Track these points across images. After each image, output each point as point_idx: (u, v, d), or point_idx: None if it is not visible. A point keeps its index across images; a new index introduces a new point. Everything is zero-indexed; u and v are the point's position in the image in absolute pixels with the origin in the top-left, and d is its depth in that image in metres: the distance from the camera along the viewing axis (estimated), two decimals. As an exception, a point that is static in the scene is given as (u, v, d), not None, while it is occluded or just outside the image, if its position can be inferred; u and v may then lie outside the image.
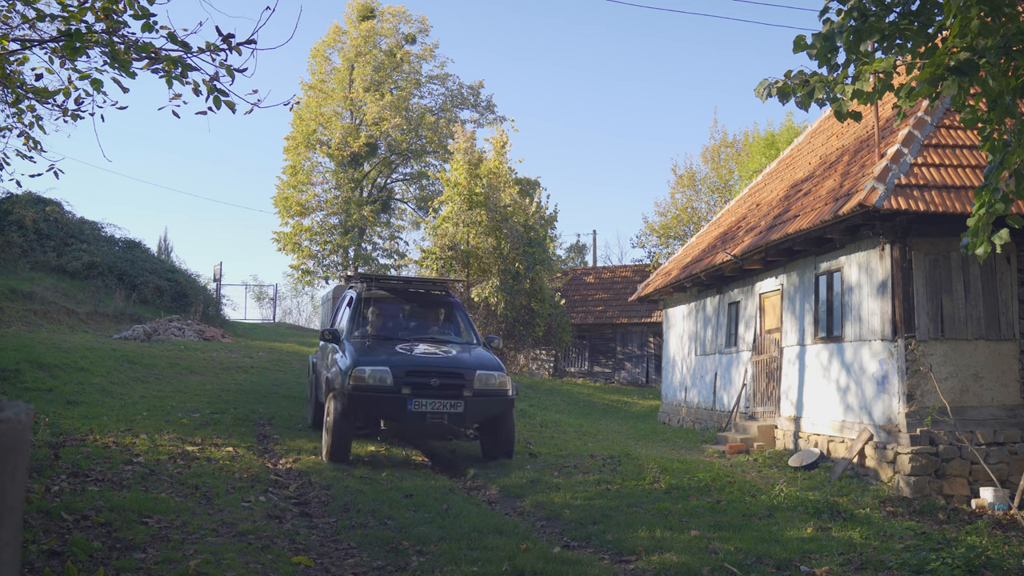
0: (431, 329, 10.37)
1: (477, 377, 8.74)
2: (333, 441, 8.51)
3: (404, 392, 8.46)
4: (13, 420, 1.03)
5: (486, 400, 8.77)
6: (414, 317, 10.60)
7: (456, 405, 8.56)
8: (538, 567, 4.95)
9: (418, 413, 8.48)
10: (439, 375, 8.63)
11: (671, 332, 18.35)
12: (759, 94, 5.37)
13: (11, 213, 21.53)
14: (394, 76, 35.67)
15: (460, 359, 9.09)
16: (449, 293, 11.06)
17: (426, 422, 8.54)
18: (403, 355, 8.93)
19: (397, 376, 8.51)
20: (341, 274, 12.93)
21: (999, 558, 5.48)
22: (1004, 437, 9.10)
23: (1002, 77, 4.77)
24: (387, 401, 8.50)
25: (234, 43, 5.22)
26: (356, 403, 8.51)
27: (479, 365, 8.95)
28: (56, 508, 5.41)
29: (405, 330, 10.13)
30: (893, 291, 9.38)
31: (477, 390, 8.69)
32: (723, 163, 31.27)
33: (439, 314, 10.73)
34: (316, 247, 35.14)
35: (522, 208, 24.15)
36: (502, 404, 8.96)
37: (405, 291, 10.92)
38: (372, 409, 8.69)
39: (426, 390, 8.52)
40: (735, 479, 8.97)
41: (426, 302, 10.88)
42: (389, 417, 8.89)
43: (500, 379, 8.90)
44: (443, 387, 8.58)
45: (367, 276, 10.94)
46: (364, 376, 8.48)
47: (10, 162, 7.38)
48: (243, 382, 14.92)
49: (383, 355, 8.91)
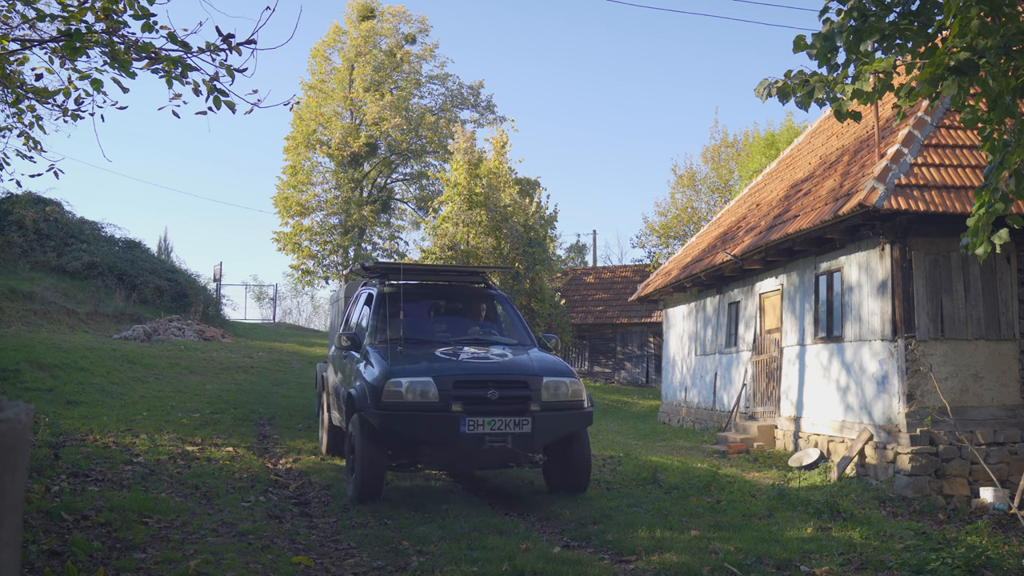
0: (472, 328, 8.46)
1: (545, 386, 6.94)
2: (362, 478, 6.68)
3: (455, 409, 6.59)
4: (13, 420, 1.03)
5: (558, 415, 6.98)
6: (451, 314, 8.79)
7: (522, 423, 6.70)
8: (538, 567, 4.95)
9: (474, 436, 6.57)
10: (498, 385, 6.80)
11: (671, 332, 18.35)
12: (759, 94, 5.37)
13: (11, 213, 21.53)
14: (394, 76, 35.67)
15: (520, 363, 7.28)
16: (489, 283, 9.23)
17: (484, 447, 6.62)
18: (448, 361, 7.07)
19: (444, 389, 6.64)
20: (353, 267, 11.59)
21: (999, 558, 5.48)
22: (1004, 437, 9.10)
23: (1002, 77, 4.77)
24: (433, 422, 6.62)
25: (234, 43, 5.22)
26: (391, 426, 6.66)
27: (546, 370, 7.14)
28: (56, 508, 5.41)
29: (441, 330, 8.25)
30: (893, 291, 9.38)
31: (546, 402, 6.89)
32: (723, 163, 31.26)
33: (480, 309, 8.89)
34: (316, 247, 35.14)
35: (522, 208, 24.14)
36: (578, 420, 7.18)
37: (436, 283, 9.27)
38: (413, 433, 6.73)
39: (482, 405, 6.68)
40: (735, 479, 8.97)
41: (464, 296, 9.04)
42: (436, 443, 6.77)
43: (573, 387, 7.11)
44: (504, 400, 6.75)
45: (390, 266, 8.89)
46: (401, 390, 6.64)
47: (10, 162, 7.39)
48: (243, 382, 14.92)
49: (422, 362, 7.06)
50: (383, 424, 6.65)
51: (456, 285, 9.24)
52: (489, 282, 9.24)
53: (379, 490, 6.82)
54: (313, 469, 8.27)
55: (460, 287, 9.19)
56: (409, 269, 9.11)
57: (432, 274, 9.61)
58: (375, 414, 6.67)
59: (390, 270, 8.74)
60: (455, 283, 9.29)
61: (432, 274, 9.61)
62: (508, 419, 6.67)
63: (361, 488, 6.71)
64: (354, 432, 6.91)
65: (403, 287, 8.47)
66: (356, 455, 6.76)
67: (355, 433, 6.88)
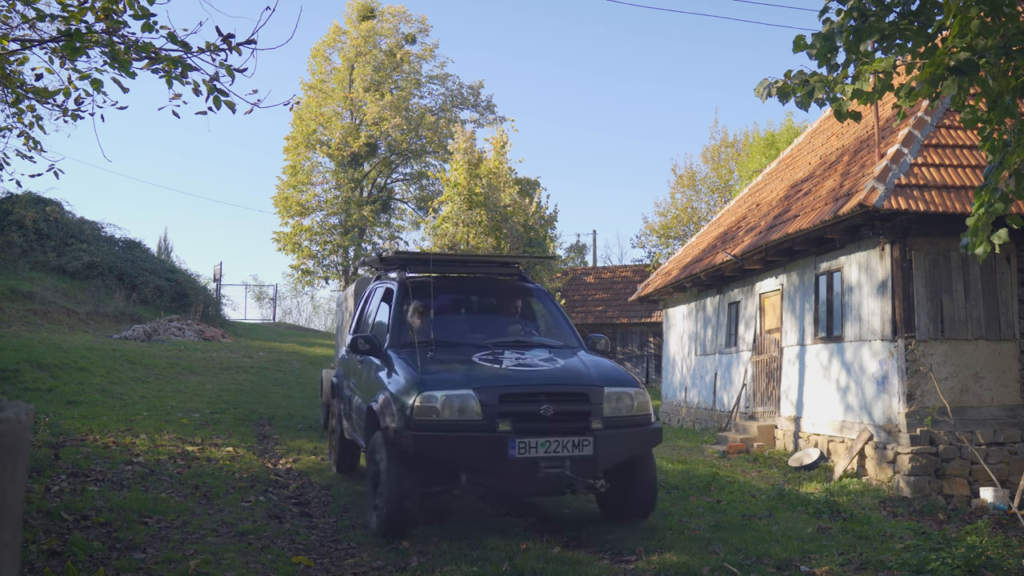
0: (510, 327, 7.23)
1: (607, 398, 5.77)
2: (389, 509, 5.51)
3: (502, 429, 5.43)
4: (13, 420, 1.04)
5: (623, 434, 5.80)
6: (484, 311, 7.62)
7: (582, 444, 5.52)
8: (538, 567, 4.95)
9: (525, 461, 5.40)
10: (552, 398, 5.62)
11: (671, 332, 18.36)
12: (759, 94, 5.37)
13: (11, 213, 21.54)
14: (394, 76, 35.69)
15: (575, 371, 6.12)
16: (523, 275, 7.92)
17: (539, 474, 5.43)
18: (489, 369, 5.89)
19: (488, 403, 5.47)
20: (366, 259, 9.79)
21: (999, 558, 5.48)
22: (1004, 437, 9.10)
23: (1002, 77, 4.77)
24: (475, 445, 5.45)
25: (234, 43, 5.22)
26: (423, 450, 5.43)
27: (606, 379, 5.95)
28: (56, 508, 5.41)
29: (474, 331, 7.02)
30: (893, 291, 9.38)
31: (608, 418, 5.73)
32: (723, 163, 31.25)
33: (516, 305, 7.62)
34: (316, 247, 35.16)
35: (522, 208, 24.16)
36: (646, 438, 6.00)
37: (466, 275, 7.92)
38: (450, 458, 5.55)
39: (535, 423, 5.53)
40: (735, 479, 8.97)
41: (497, 290, 7.74)
42: (480, 469, 5.54)
43: (639, 399, 5.96)
44: (560, 417, 5.59)
45: (412, 256, 7.80)
46: (435, 406, 5.46)
47: (10, 162, 7.39)
48: (243, 382, 14.92)
49: (458, 370, 5.87)
50: (416, 446, 5.41)
51: (487, 278, 7.92)
52: (524, 274, 7.95)
53: (410, 522, 5.61)
54: (313, 469, 8.27)
55: (492, 280, 7.87)
56: (439, 257, 7.61)
57: (460, 265, 8.12)
58: (403, 435, 5.45)
59: (412, 261, 7.59)
60: (486, 275, 7.96)
61: (460, 265, 8.12)
62: (566, 439, 5.50)
63: (388, 521, 5.54)
64: (377, 453, 5.76)
65: (425, 280, 7.20)
66: (380, 481, 5.63)
67: (378, 455, 5.72)
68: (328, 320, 39.78)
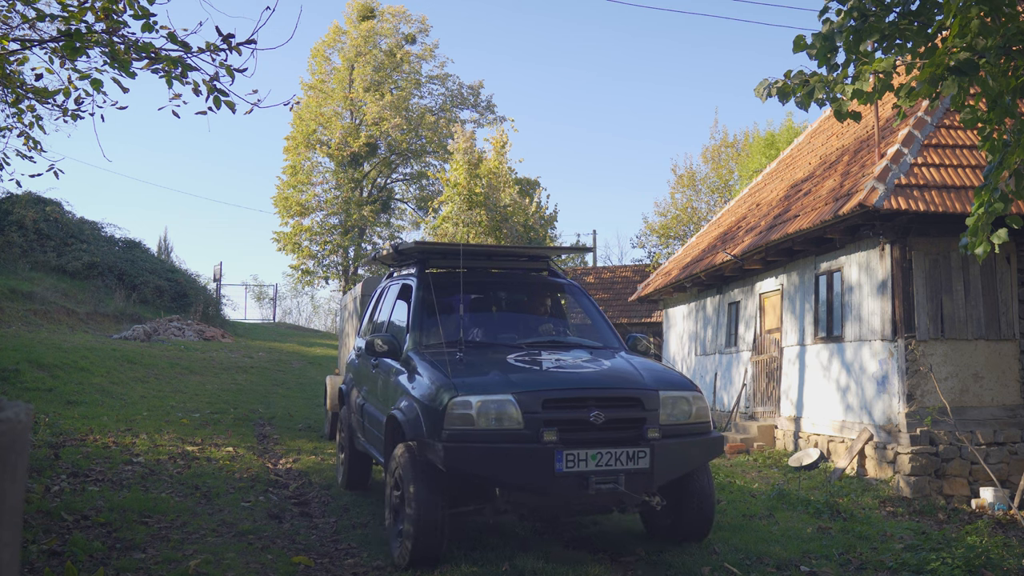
0: (543, 327, 6.67)
1: (663, 403, 5.11)
2: (418, 533, 4.81)
3: (547, 439, 4.74)
4: (13, 420, 1.04)
5: (683, 443, 5.15)
6: (514, 309, 7.01)
7: (637, 456, 4.86)
8: (538, 567, 4.95)
9: (575, 475, 4.73)
10: (601, 404, 4.96)
11: (671, 332, 18.36)
12: (759, 94, 5.37)
13: (11, 213, 21.55)
14: (394, 76, 35.70)
15: (624, 372, 5.47)
16: (554, 269, 7.34)
17: (589, 490, 4.74)
18: (528, 371, 5.28)
19: (530, 410, 4.81)
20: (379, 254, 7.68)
21: (999, 558, 5.49)
22: (1004, 437, 9.10)
23: (1002, 77, 4.77)
24: (517, 458, 4.76)
25: (234, 43, 5.23)
26: (458, 463, 4.73)
27: (659, 382, 5.30)
28: (56, 508, 5.41)
29: (504, 330, 6.48)
30: (893, 291, 9.38)
31: (665, 426, 5.07)
32: (723, 163, 31.25)
33: (548, 302, 7.09)
34: (316, 247, 35.17)
35: (522, 208, 24.18)
36: (707, 449, 5.35)
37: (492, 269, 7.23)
38: (489, 472, 4.83)
39: (584, 432, 4.86)
40: (735, 479, 8.97)
41: (528, 285, 7.16)
42: (523, 485, 4.88)
43: (698, 404, 5.30)
44: (611, 425, 4.92)
45: (434, 248, 7.00)
46: (470, 413, 4.78)
47: (10, 162, 7.40)
48: (243, 382, 14.93)
49: (493, 373, 5.21)
50: (448, 461, 4.69)
51: (516, 272, 7.30)
52: (554, 268, 7.35)
53: (440, 548, 4.91)
54: (313, 469, 8.27)
55: (521, 274, 7.28)
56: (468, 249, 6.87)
57: (485, 258, 7.29)
58: (433, 447, 4.75)
59: (435, 252, 6.94)
60: (514, 269, 7.35)
61: (485, 258, 7.29)
62: (619, 451, 4.83)
63: (415, 548, 4.83)
64: (400, 470, 5.03)
65: (448, 275, 6.68)
66: (405, 503, 4.94)
67: (402, 471, 5.01)
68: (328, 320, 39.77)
